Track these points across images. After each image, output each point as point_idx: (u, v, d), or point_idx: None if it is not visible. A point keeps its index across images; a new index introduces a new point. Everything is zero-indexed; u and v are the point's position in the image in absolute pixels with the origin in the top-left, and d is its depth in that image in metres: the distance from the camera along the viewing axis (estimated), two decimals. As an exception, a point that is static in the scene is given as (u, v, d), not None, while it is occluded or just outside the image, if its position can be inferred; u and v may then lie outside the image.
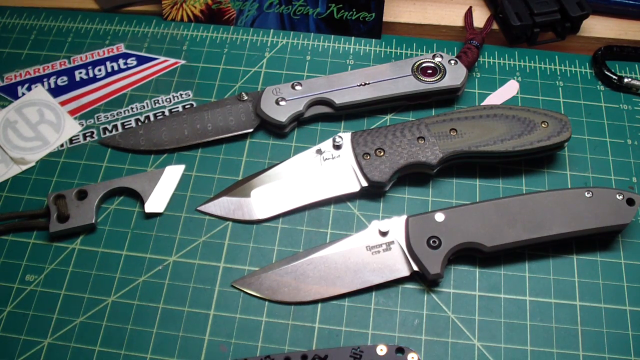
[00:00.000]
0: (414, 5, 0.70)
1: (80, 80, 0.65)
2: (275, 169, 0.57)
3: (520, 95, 0.64)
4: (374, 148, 0.56)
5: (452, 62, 0.62)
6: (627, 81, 0.64)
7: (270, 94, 0.61)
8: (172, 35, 0.69)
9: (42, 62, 0.67)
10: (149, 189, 0.57)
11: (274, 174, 0.57)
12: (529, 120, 0.57)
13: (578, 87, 0.65)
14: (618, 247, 0.54)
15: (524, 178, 0.58)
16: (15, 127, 0.62)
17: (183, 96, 0.64)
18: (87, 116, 0.63)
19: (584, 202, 0.52)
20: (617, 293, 0.52)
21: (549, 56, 0.67)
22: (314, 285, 0.51)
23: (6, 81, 0.65)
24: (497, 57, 0.67)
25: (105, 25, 0.70)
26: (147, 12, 0.71)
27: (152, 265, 0.53)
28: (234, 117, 0.61)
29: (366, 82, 0.61)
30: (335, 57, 0.67)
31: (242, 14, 0.69)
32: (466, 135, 0.56)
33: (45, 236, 0.55)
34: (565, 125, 0.57)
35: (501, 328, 0.50)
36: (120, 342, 0.50)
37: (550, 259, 0.54)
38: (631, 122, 0.62)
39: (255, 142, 0.61)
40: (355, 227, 0.55)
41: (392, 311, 0.51)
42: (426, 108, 0.63)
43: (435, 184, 0.58)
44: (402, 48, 0.68)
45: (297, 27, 0.69)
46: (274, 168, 0.57)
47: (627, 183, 0.58)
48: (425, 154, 0.55)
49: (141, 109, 0.63)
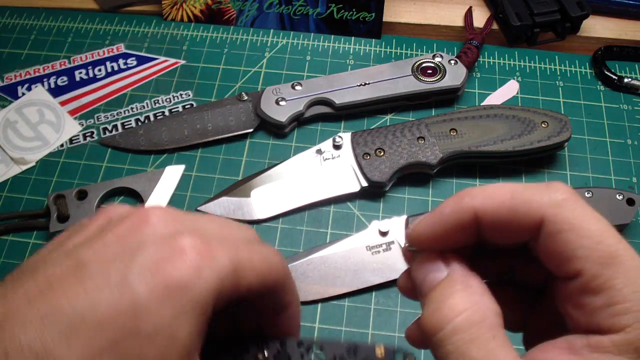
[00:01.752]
0: (414, 5, 0.70)
1: (80, 80, 0.65)
2: (275, 169, 0.57)
3: (520, 95, 0.64)
4: (374, 148, 0.56)
5: (452, 62, 0.62)
6: (627, 81, 0.64)
7: (270, 94, 0.61)
8: (172, 35, 0.69)
9: (42, 62, 0.67)
10: (149, 189, 0.57)
11: (274, 174, 0.57)
12: (529, 120, 0.57)
13: (578, 87, 0.65)
14: (618, 247, 0.54)
15: (524, 178, 0.58)
16: (15, 127, 0.62)
17: (183, 96, 0.64)
18: (87, 116, 0.63)
19: (584, 202, 0.52)
20: (617, 293, 0.52)
21: (549, 56, 0.67)
22: (314, 285, 0.51)
23: (6, 81, 0.65)
24: (497, 57, 0.67)
25: (105, 25, 0.70)
26: (147, 12, 0.71)
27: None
28: (234, 117, 0.61)
29: (366, 82, 0.61)
30: (335, 57, 0.67)
31: (242, 14, 0.69)
32: (466, 135, 0.56)
33: (45, 236, 0.55)
34: (565, 125, 0.57)
35: (501, 328, 0.50)
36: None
37: (550, 259, 0.53)
38: (631, 122, 0.62)
39: (255, 142, 0.61)
40: (355, 227, 0.55)
41: (392, 311, 0.51)
42: (426, 108, 0.63)
43: (435, 184, 0.58)
44: (402, 48, 0.68)
45: (297, 27, 0.69)
46: (274, 168, 0.57)
47: (627, 183, 0.58)
48: (425, 154, 0.55)
49: (141, 109, 0.63)
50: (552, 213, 0.25)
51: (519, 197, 0.26)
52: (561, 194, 0.25)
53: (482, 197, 0.27)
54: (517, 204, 0.26)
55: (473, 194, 0.27)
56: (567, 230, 0.25)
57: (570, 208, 0.25)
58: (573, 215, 0.25)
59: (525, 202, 0.26)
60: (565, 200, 0.25)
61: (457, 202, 0.27)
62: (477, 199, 0.27)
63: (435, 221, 0.28)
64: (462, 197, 0.27)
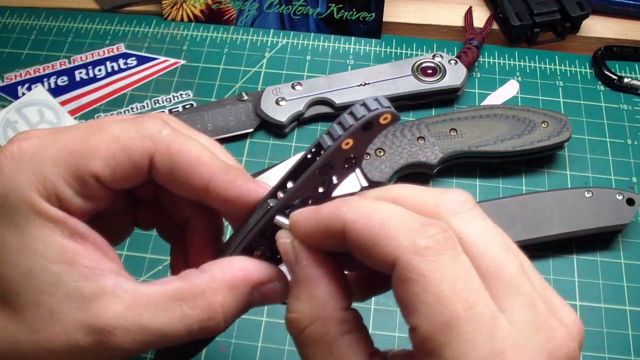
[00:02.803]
0: (414, 5, 0.70)
1: (80, 80, 0.65)
2: (275, 169, 0.57)
3: (520, 95, 0.64)
4: (374, 148, 0.56)
5: (452, 62, 0.62)
6: (627, 81, 0.64)
7: (270, 94, 0.61)
8: (172, 35, 0.69)
9: (42, 62, 0.67)
10: (149, 189, 0.57)
11: (274, 174, 0.57)
12: (529, 120, 0.57)
13: (578, 87, 0.65)
14: (618, 247, 0.54)
15: (524, 178, 0.58)
16: (15, 127, 0.62)
17: (183, 96, 0.64)
18: (87, 116, 0.63)
19: (584, 202, 0.52)
20: (617, 293, 0.52)
21: (549, 56, 0.67)
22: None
23: (6, 81, 0.65)
24: (497, 57, 0.67)
25: (105, 25, 0.70)
26: (147, 12, 0.71)
27: (152, 265, 0.53)
28: (234, 117, 0.61)
29: (366, 82, 0.61)
30: (335, 57, 0.67)
31: (242, 14, 0.69)
32: (466, 135, 0.56)
33: (45, 236, 0.55)
34: (565, 125, 0.57)
35: (501, 328, 0.50)
36: (120, 342, 0.50)
37: (550, 259, 0.54)
38: (631, 122, 0.62)
39: (255, 142, 0.61)
40: (355, 227, 0.55)
41: (392, 311, 0.51)
42: (426, 108, 0.63)
43: (435, 184, 0.58)
44: (402, 48, 0.68)
45: (297, 27, 0.69)
46: (274, 168, 0.57)
47: (627, 183, 0.58)
48: (425, 154, 0.55)
49: (141, 109, 0.63)
50: (405, 260, 0.23)
51: (384, 232, 0.24)
52: (433, 231, 0.24)
53: (356, 215, 0.26)
54: (380, 239, 0.24)
55: (351, 206, 0.26)
56: (415, 282, 0.23)
57: (431, 259, 0.23)
58: (428, 267, 0.23)
59: (386, 239, 0.24)
60: (426, 249, 0.23)
61: (335, 207, 0.27)
62: (350, 214, 0.26)
63: (311, 216, 0.28)
64: (340, 205, 0.27)
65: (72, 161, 0.28)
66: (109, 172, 0.29)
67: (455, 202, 0.26)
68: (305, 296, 0.27)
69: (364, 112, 0.27)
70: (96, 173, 0.28)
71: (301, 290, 0.27)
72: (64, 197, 0.28)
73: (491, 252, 0.25)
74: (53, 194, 0.28)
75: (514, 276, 0.25)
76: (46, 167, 0.28)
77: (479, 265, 0.25)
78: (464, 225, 0.26)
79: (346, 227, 0.26)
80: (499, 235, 0.26)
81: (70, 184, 0.28)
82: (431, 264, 0.23)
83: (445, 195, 0.27)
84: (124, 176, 0.29)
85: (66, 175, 0.28)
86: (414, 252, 0.23)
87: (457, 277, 0.23)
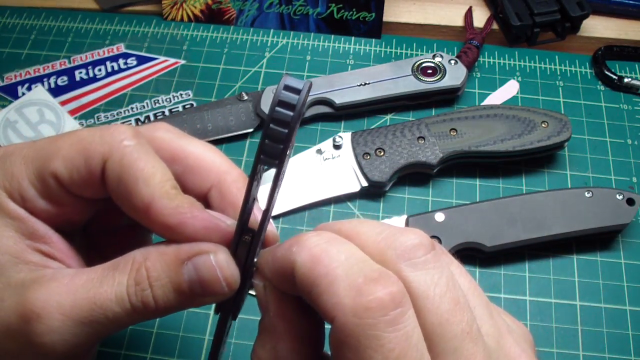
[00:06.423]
0: (414, 5, 0.70)
1: (80, 80, 0.65)
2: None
3: (520, 95, 0.64)
4: (374, 148, 0.56)
5: (452, 62, 0.62)
6: (627, 81, 0.64)
7: (271, 93, 0.61)
8: (172, 35, 0.69)
9: (42, 62, 0.67)
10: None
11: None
12: (529, 120, 0.57)
13: (578, 87, 0.65)
14: (618, 247, 0.54)
15: (524, 178, 0.58)
16: (15, 127, 0.62)
17: (183, 96, 0.64)
18: (87, 116, 0.63)
19: (584, 202, 0.52)
20: (617, 293, 0.52)
21: (549, 56, 0.67)
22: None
23: (6, 81, 0.65)
24: (497, 57, 0.67)
25: (105, 25, 0.70)
26: (147, 12, 0.71)
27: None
28: (234, 117, 0.61)
29: (366, 82, 0.61)
30: (335, 57, 0.67)
31: (242, 13, 0.69)
32: (466, 135, 0.56)
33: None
34: (565, 125, 0.57)
35: (501, 328, 0.50)
36: (120, 342, 0.50)
37: (550, 259, 0.54)
38: (631, 122, 0.62)
39: (255, 142, 0.61)
40: (355, 227, 0.55)
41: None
42: (426, 108, 0.63)
43: (435, 184, 0.58)
44: (402, 48, 0.68)
45: (297, 27, 0.69)
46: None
47: (627, 183, 0.58)
48: (425, 154, 0.55)
49: (141, 109, 0.63)
50: (342, 321, 0.22)
51: (327, 282, 0.23)
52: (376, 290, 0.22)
53: (304, 257, 0.24)
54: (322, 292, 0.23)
55: (301, 246, 0.25)
56: (348, 347, 0.22)
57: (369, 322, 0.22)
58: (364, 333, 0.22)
59: (327, 293, 0.23)
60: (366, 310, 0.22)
61: (288, 246, 0.26)
62: (299, 255, 0.25)
63: (270, 258, 0.27)
64: (292, 245, 0.25)
65: (37, 161, 0.29)
66: (66, 173, 0.29)
67: (408, 246, 0.24)
68: (268, 346, 0.27)
69: (295, 96, 0.25)
70: (55, 172, 0.29)
71: (266, 340, 0.27)
72: (27, 196, 0.29)
73: (438, 308, 0.23)
74: (17, 192, 0.29)
75: (457, 337, 0.23)
76: (15, 166, 0.29)
77: (424, 321, 0.23)
78: (414, 274, 0.24)
79: (295, 270, 0.24)
80: (451, 286, 0.24)
81: (33, 184, 0.29)
82: (367, 330, 0.22)
83: (400, 238, 0.25)
84: (81, 179, 0.29)
85: (30, 174, 0.29)
86: (352, 314, 0.22)
87: (392, 346, 0.22)
